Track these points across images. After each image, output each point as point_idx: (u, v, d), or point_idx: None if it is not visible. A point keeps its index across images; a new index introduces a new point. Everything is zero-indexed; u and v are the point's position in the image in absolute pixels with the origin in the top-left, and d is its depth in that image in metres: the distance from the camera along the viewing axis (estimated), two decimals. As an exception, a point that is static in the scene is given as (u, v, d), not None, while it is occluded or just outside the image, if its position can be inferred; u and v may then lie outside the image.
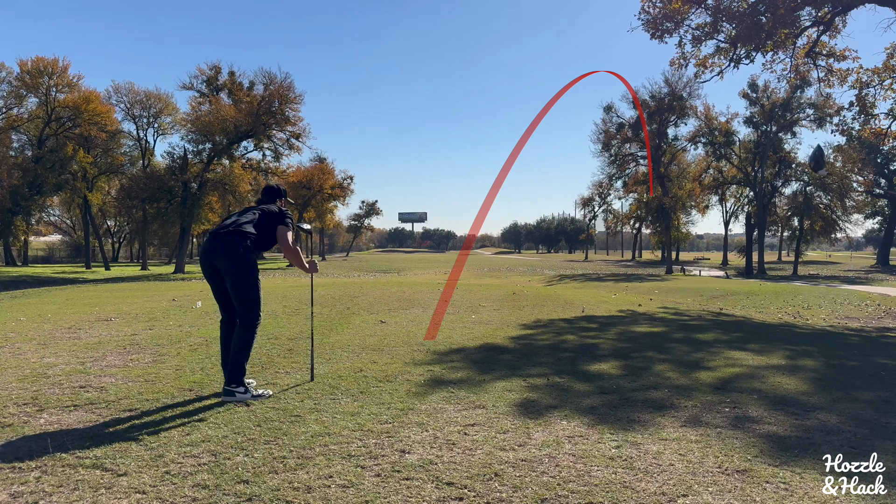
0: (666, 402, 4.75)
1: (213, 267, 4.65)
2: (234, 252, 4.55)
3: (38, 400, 4.51)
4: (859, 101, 16.74)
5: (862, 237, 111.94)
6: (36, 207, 48.83)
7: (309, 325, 5.57)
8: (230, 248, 4.56)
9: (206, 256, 4.68)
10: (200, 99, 43.40)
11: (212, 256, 4.62)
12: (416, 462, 3.38)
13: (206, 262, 4.69)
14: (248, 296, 4.64)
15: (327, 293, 13.95)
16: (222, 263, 4.58)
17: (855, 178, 52.02)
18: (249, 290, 4.64)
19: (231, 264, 4.56)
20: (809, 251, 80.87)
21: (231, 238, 4.60)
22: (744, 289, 25.33)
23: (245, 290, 4.63)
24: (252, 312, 4.67)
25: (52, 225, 73.24)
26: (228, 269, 4.58)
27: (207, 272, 4.73)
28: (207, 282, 4.81)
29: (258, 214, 4.81)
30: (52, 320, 9.19)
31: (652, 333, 8.69)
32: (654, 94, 47.32)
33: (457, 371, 5.72)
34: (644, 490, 3.05)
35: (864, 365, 6.68)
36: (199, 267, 4.84)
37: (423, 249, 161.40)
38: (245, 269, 4.60)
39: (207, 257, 4.66)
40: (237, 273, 4.58)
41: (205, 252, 4.70)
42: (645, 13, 16.78)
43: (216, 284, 4.75)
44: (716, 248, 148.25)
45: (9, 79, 47.00)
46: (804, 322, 13.77)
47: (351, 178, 74.45)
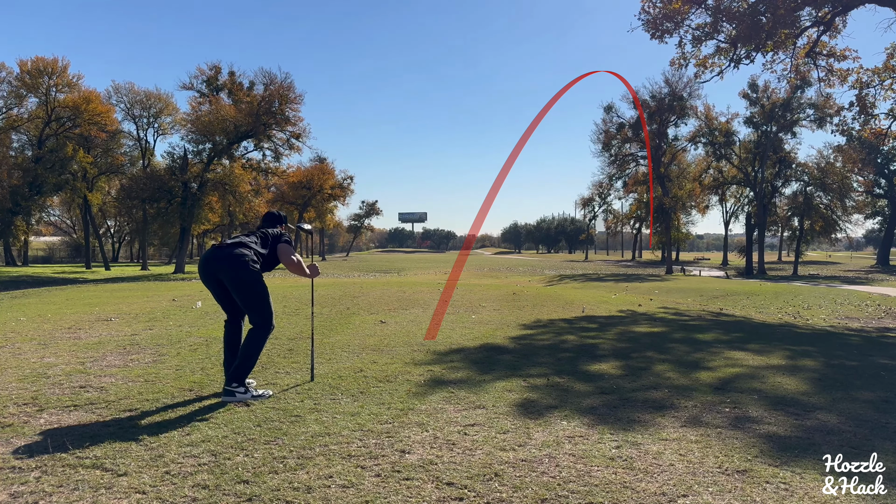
0: (666, 402, 4.75)
1: (216, 277, 4.64)
2: (238, 263, 4.54)
3: (38, 400, 4.51)
4: (859, 101, 16.74)
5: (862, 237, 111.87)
6: (36, 207, 48.82)
7: (309, 325, 5.56)
8: (234, 259, 4.54)
9: (207, 265, 4.64)
10: (200, 99, 43.41)
11: (215, 268, 4.59)
12: (416, 462, 3.38)
13: (206, 272, 4.66)
14: (258, 306, 4.65)
15: (327, 293, 13.95)
16: (226, 275, 4.56)
17: (855, 178, 52.04)
18: (258, 301, 4.65)
19: (236, 276, 4.54)
20: (809, 251, 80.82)
21: (235, 250, 4.59)
22: (744, 289, 25.34)
23: (253, 300, 4.63)
24: (263, 321, 4.68)
25: (53, 225, 73.25)
26: (233, 281, 4.56)
27: (207, 281, 4.71)
28: (207, 288, 4.81)
29: (262, 236, 4.89)
30: (52, 320, 9.19)
31: (652, 333, 8.69)
32: (655, 94, 47.37)
33: (457, 371, 5.72)
34: (644, 490, 3.05)
35: (864, 365, 6.68)
36: (198, 271, 4.84)
37: (423, 249, 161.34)
38: (251, 280, 4.58)
39: (209, 267, 4.63)
40: (243, 284, 4.57)
41: (206, 261, 4.66)
42: (645, 13, 16.80)
43: (216, 291, 4.74)
44: (716, 248, 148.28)
45: (9, 79, 47.06)
46: (804, 322, 13.77)
47: (351, 178, 74.64)
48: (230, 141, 40.65)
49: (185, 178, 40.85)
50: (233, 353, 4.78)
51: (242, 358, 4.57)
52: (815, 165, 48.80)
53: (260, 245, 4.79)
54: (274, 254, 4.86)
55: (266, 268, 4.84)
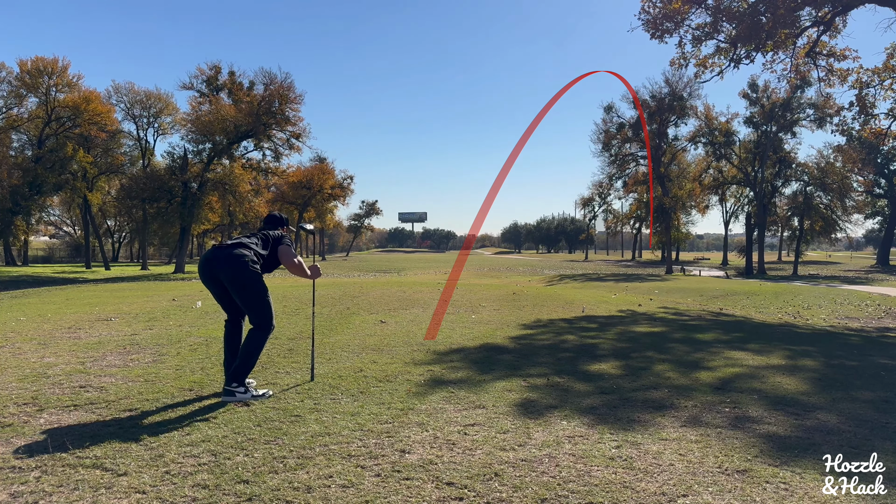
0: (666, 402, 4.75)
1: (216, 278, 4.64)
2: (238, 264, 4.54)
3: (38, 400, 4.51)
4: (859, 101, 16.75)
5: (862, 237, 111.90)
6: (36, 207, 48.82)
7: (309, 325, 5.57)
8: (234, 260, 4.55)
9: (207, 265, 4.65)
10: (200, 99, 43.41)
11: (215, 268, 4.60)
12: (416, 462, 3.38)
13: (206, 272, 4.66)
14: (258, 306, 4.65)
15: (327, 293, 13.95)
16: (226, 275, 4.56)
17: (855, 177, 52.03)
18: (258, 301, 4.64)
19: (236, 276, 4.54)
20: (809, 251, 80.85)
21: (235, 250, 4.59)
22: (744, 289, 25.34)
23: (253, 301, 4.63)
24: (264, 322, 4.68)
25: (52, 225, 73.24)
26: (233, 281, 4.56)
27: (207, 281, 4.71)
28: (207, 288, 4.82)
29: (262, 238, 4.89)
30: (52, 320, 9.19)
31: (652, 333, 8.69)
32: (655, 94, 47.37)
33: (457, 371, 5.72)
34: (644, 490, 3.05)
35: (864, 365, 6.68)
36: (198, 271, 4.85)
37: (423, 249, 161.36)
38: (251, 281, 4.58)
39: (209, 267, 4.63)
40: (243, 284, 4.57)
41: (206, 261, 4.67)
42: (645, 13, 16.80)
43: (216, 291, 4.75)
44: (716, 248, 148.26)
45: (9, 79, 47.07)
46: (804, 322, 13.77)
47: (351, 178, 74.66)
48: (230, 141, 40.66)
49: (185, 177, 40.85)
50: (233, 352, 4.78)
51: (242, 358, 4.57)
52: (815, 165, 48.81)
53: (261, 246, 4.80)
54: (274, 255, 4.87)
55: (266, 269, 4.84)
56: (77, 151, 44.64)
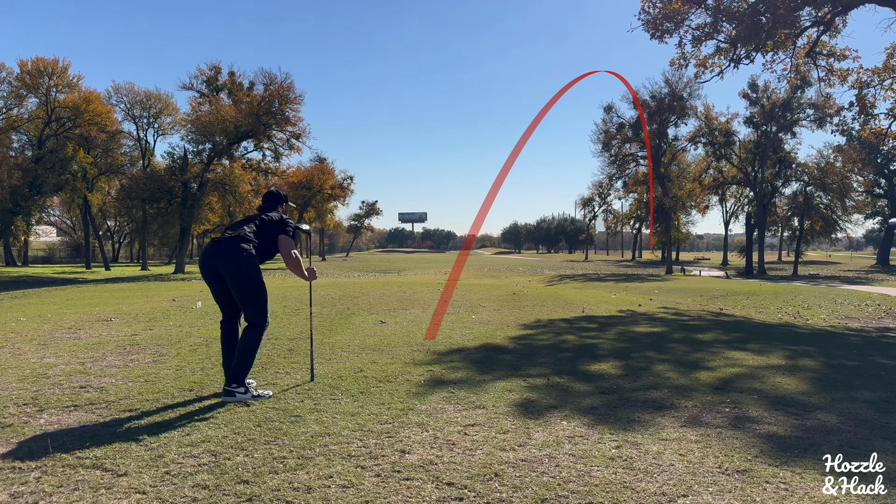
0: (666, 402, 4.75)
1: (215, 272, 4.63)
2: (237, 258, 4.53)
3: (38, 400, 4.51)
4: (859, 101, 16.75)
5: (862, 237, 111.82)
6: (36, 208, 48.83)
7: (309, 325, 5.57)
8: (234, 253, 4.54)
9: (207, 260, 4.65)
10: (200, 99, 43.45)
11: (214, 262, 4.59)
12: (416, 462, 3.38)
13: (206, 266, 4.66)
14: (254, 302, 4.64)
15: (327, 293, 13.95)
16: (225, 269, 4.56)
17: (855, 177, 52.03)
18: (255, 297, 4.63)
19: (235, 270, 4.54)
20: (809, 251, 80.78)
21: (234, 244, 4.58)
22: (744, 289, 25.34)
23: (251, 296, 4.62)
24: (259, 318, 4.66)
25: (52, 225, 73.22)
26: (232, 276, 4.56)
27: (208, 276, 4.71)
28: (207, 284, 4.81)
29: (260, 223, 4.82)
30: (52, 320, 9.19)
31: (652, 333, 8.69)
32: (655, 95, 47.40)
33: (457, 371, 5.72)
34: (644, 490, 3.05)
35: (864, 365, 6.68)
36: (199, 267, 4.84)
37: (423, 249, 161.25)
38: (249, 275, 4.58)
39: (209, 261, 4.63)
40: (242, 279, 4.56)
41: (206, 256, 4.67)
42: (645, 13, 16.80)
43: (216, 287, 4.74)
44: (716, 248, 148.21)
45: (9, 79, 47.07)
46: (804, 322, 13.77)
47: (351, 179, 74.67)
48: (230, 141, 40.67)
49: (185, 178, 40.86)
50: (230, 353, 4.77)
51: (240, 357, 4.57)
52: (815, 165, 48.80)
53: (258, 233, 4.73)
54: (273, 242, 4.80)
55: (263, 257, 4.77)
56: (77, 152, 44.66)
